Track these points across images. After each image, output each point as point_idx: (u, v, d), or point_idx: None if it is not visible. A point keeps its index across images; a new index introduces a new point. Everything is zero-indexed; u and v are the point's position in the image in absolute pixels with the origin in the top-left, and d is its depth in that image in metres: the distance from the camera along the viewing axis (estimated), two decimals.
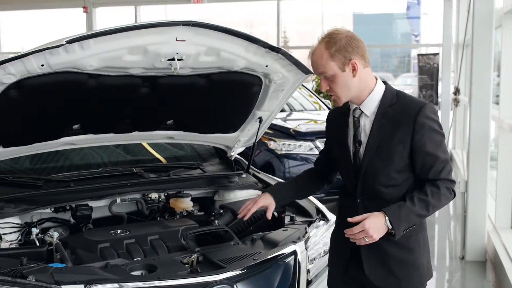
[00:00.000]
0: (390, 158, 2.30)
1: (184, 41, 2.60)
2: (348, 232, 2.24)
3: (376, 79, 2.39)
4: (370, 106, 2.35)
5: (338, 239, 2.50)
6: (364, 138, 2.36)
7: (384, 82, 2.41)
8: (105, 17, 14.69)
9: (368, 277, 2.38)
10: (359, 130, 2.37)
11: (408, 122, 2.28)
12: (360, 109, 2.37)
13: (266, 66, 2.98)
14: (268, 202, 2.66)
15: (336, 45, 2.25)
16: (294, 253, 2.73)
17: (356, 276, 2.42)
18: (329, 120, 2.63)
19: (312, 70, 2.39)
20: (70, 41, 2.38)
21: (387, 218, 2.22)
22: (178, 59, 2.66)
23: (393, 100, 2.35)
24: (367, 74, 2.33)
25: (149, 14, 15.36)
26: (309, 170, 2.78)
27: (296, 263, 2.72)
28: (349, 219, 2.26)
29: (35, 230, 2.83)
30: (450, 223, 7.06)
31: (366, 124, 2.36)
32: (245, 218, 2.71)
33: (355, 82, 2.30)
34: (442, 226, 6.97)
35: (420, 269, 2.40)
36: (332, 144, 2.56)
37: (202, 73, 2.90)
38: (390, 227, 2.23)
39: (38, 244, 2.78)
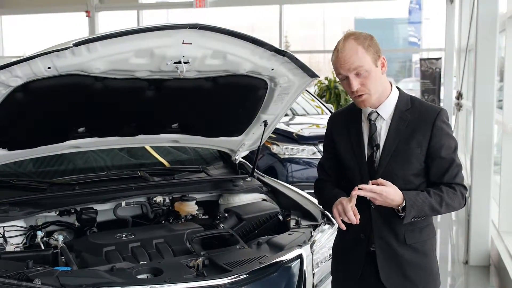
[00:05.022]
0: (408, 161, 2.30)
1: (191, 44, 2.60)
2: (366, 187, 2.18)
3: (391, 84, 2.39)
4: (387, 110, 2.35)
5: (349, 248, 2.44)
6: (380, 141, 2.35)
7: (397, 87, 2.41)
8: (108, 21, 14.71)
9: (384, 283, 2.35)
10: (375, 134, 2.35)
11: (427, 126, 2.29)
12: (377, 112, 2.35)
13: (272, 69, 2.97)
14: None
15: (366, 40, 2.25)
16: (300, 257, 2.73)
17: (370, 284, 2.38)
18: (333, 124, 2.55)
19: (338, 69, 2.27)
20: (77, 44, 2.38)
21: (404, 201, 2.20)
22: (185, 62, 2.66)
23: (408, 105, 2.35)
24: (384, 77, 2.34)
25: (151, 18, 15.39)
26: (328, 183, 2.56)
27: (302, 267, 2.73)
28: (378, 181, 2.20)
29: (40, 233, 2.84)
30: (452, 227, 7.05)
31: (382, 127, 2.35)
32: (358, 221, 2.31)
33: (382, 80, 2.31)
34: (445, 231, 6.95)
35: (434, 274, 2.40)
36: (340, 149, 2.46)
37: (208, 76, 2.90)
38: (400, 209, 2.21)
39: (43, 247, 2.78)
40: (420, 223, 2.33)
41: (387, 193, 2.19)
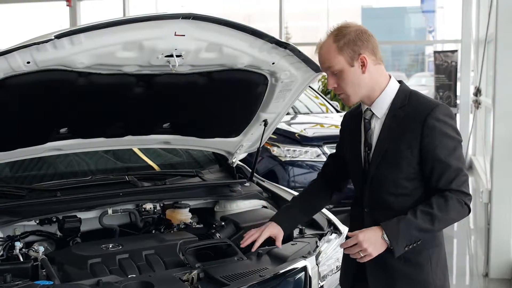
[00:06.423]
0: (397, 164, 2.33)
1: (184, 35, 2.60)
2: (343, 246, 2.32)
3: (390, 78, 2.42)
4: (381, 107, 2.39)
5: (346, 256, 2.54)
6: (373, 141, 2.40)
7: (400, 82, 2.44)
8: (90, 12, 14.71)
9: None
10: (369, 133, 2.41)
11: (417, 125, 2.30)
12: (371, 110, 2.41)
13: (273, 63, 2.98)
14: (275, 232, 2.71)
15: (345, 38, 2.31)
16: (304, 269, 2.74)
17: None
18: (344, 122, 2.68)
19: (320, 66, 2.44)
20: (59, 36, 2.38)
21: (383, 232, 2.26)
22: (177, 56, 2.66)
23: (405, 101, 2.37)
24: (378, 71, 2.37)
25: (138, 8, 15.40)
26: (314, 183, 2.82)
27: (307, 280, 2.74)
28: (348, 233, 2.34)
29: (18, 244, 2.82)
30: (470, 237, 7.06)
31: (376, 126, 2.40)
32: (252, 250, 2.71)
33: (365, 79, 2.34)
34: (462, 240, 6.97)
35: None
36: (345, 149, 2.61)
37: (203, 71, 2.90)
38: (388, 242, 2.26)
39: (22, 259, 2.77)
40: None
41: (364, 236, 2.26)
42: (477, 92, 7.37)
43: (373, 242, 2.25)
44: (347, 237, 2.58)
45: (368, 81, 2.35)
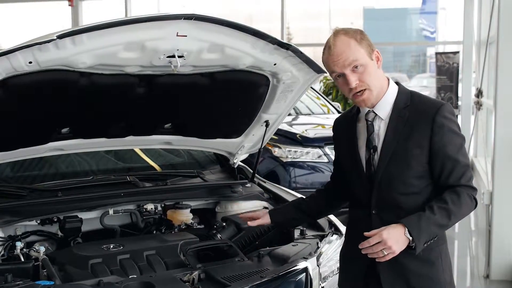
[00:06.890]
0: (407, 163, 2.33)
1: (186, 36, 2.61)
2: (365, 245, 2.24)
3: (388, 80, 2.43)
4: (384, 109, 2.39)
5: (351, 257, 2.52)
6: (378, 143, 2.39)
7: (397, 83, 2.45)
8: (92, 11, 14.73)
9: None
10: (373, 136, 2.40)
11: (426, 123, 2.31)
12: (374, 112, 2.39)
13: (275, 64, 2.99)
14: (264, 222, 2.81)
15: (357, 33, 2.31)
16: (305, 270, 2.74)
17: None
18: (336, 128, 2.67)
19: (332, 67, 2.33)
20: (62, 36, 2.38)
21: (406, 229, 2.22)
22: (179, 56, 2.67)
23: (408, 101, 2.38)
24: (381, 72, 2.39)
25: (140, 8, 15.41)
26: (322, 189, 2.83)
27: (308, 281, 2.74)
28: (366, 233, 2.27)
29: (19, 244, 2.83)
30: (472, 238, 7.06)
31: (380, 128, 2.39)
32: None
33: (379, 75, 2.36)
34: (463, 242, 6.96)
35: (442, 285, 2.41)
36: (341, 153, 2.60)
37: (205, 71, 2.91)
38: (410, 239, 2.22)
39: (23, 259, 2.78)
40: None
41: (388, 234, 2.21)
42: (479, 93, 7.35)
43: (396, 239, 2.21)
44: (347, 241, 2.59)
45: (380, 77, 2.37)
